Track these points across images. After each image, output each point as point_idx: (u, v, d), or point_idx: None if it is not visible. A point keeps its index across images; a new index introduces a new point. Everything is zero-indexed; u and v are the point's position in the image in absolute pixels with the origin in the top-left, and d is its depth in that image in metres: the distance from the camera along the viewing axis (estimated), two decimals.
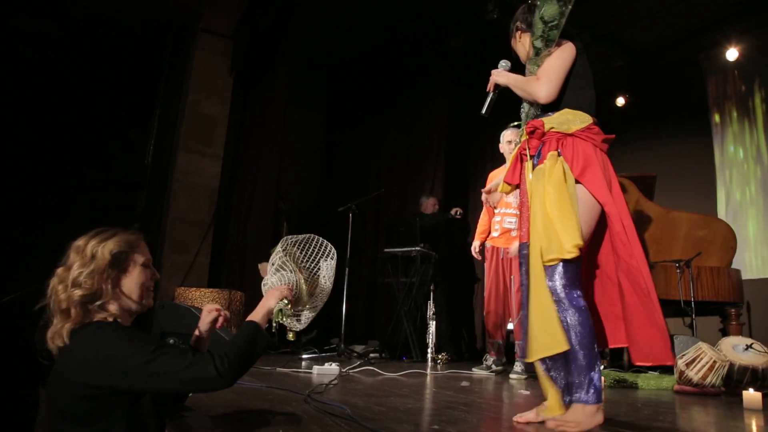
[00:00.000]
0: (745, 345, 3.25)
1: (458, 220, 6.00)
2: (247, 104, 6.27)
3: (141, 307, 1.52)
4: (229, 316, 1.74)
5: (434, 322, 4.77)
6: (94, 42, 6.40)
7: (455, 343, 5.97)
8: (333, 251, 3.49)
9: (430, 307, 4.82)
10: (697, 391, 3.15)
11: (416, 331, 5.50)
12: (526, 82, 2.02)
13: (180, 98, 5.98)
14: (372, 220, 7.18)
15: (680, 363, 3.26)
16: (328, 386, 2.67)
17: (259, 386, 2.50)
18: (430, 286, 5.16)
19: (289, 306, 1.84)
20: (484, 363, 4.23)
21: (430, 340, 4.74)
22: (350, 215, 5.49)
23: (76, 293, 1.41)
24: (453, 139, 6.94)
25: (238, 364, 1.39)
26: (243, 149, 6.21)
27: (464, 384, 3.20)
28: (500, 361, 4.17)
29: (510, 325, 4.39)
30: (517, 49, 2.20)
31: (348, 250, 5.34)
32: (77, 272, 1.42)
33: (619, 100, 6.65)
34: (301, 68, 7.17)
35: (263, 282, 3.40)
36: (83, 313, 1.42)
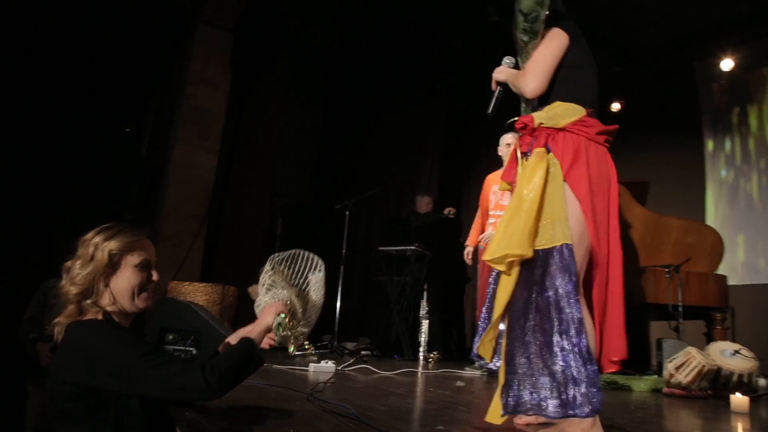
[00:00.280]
0: (732, 350, 3.33)
1: (451, 220, 6.06)
2: (245, 99, 6.27)
3: (133, 308, 1.52)
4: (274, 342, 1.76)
5: (427, 321, 4.82)
6: (89, 32, 6.33)
7: (445, 342, 6.03)
8: (321, 264, 3.52)
9: (423, 306, 4.87)
10: (686, 394, 3.23)
11: (408, 329, 5.55)
12: (515, 77, 1.94)
13: (178, 90, 5.95)
14: (366, 219, 7.21)
15: (670, 367, 3.34)
16: (327, 385, 2.71)
17: (258, 384, 2.53)
18: (424, 285, 5.21)
19: (287, 320, 1.87)
20: (476, 363, 4.29)
21: (423, 338, 4.79)
22: (347, 213, 5.51)
23: (72, 290, 1.44)
24: (450, 139, 6.99)
25: (229, 378, 1.38)
26: (240, 144, 6.21)
27: (459, 384, 3.25)
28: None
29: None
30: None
31: (344, 248, 5.36)
32: (77, 271, 1.45)
33: (615, 106, 6.73)
34: (300, 64, 7.17)
35: (256, 304, 3.43)
36: (78, 311, 1.45)
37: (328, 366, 3.42)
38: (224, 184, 6.12)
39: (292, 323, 2.19)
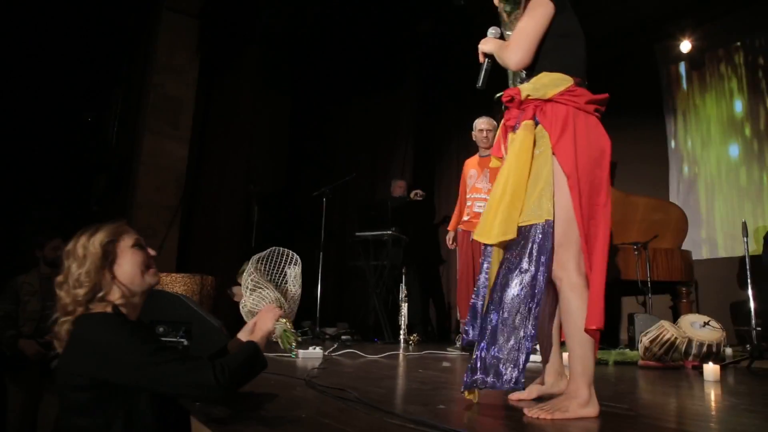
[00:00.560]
0: (702, 322, 3.51)
1: (424, 203, 6.12)
2: (214, 86, 6.15)
3: (146, 286, 1.55)
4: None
5: (406, 305, 4.89)
6: (49, 17, 6.08)
7: (424, 324, 6.13)
8: (297, 259, 3.57)
9: (402, 290, 4.94)
10: (661, 366, 3.39)
11: (387, 313, 5.62)
12: (500, 48, 1.87)
13: (144, 78, 5.81)
14: (340, 204, 7.21)
15: (645, 340, 3.50)
16: (319, 370, 2.74)
17: None
18: (402, 269, 5.28)
19: (289, 325, 1.87)
20: (457, 343, 4.40)
21: (403, 321, 4.86)
22: (324, 200, 5.51)
23: (80, 292, 1.44)
24: (422, 122, 7.02)
25: (237, 378, 1.41)
26: (210, 131, 6.11)
27: (446, 365, 3.33)
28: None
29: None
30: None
31: (322, 235, 5.37)
32: (77, 273, 1.45)
33: None
34: (269, 50, 7.06)
35: (241, 305, 3.43)
36: (85, 309, 1.45)
37: (315, 352, 3.46)
38: (196, 173, 6.02)
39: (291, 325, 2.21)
